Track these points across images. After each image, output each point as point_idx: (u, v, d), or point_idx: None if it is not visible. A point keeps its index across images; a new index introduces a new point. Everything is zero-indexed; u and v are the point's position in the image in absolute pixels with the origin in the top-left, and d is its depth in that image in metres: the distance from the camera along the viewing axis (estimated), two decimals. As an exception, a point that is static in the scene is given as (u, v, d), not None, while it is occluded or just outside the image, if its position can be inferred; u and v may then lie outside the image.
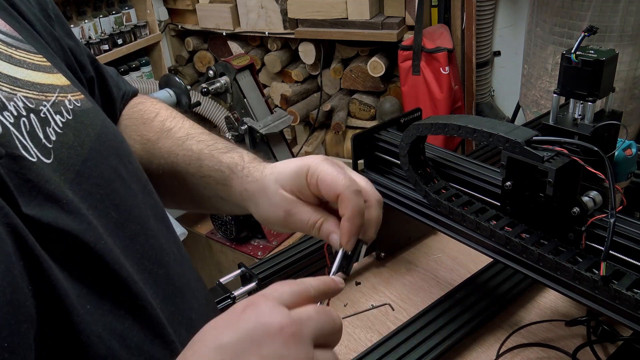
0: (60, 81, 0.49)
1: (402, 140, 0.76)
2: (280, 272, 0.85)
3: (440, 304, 0.81)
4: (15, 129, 0.41)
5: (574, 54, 0.64)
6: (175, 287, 0.51)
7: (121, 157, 0.52)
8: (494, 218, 0.70)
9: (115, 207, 0.47)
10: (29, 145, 0.41)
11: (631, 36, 1.80)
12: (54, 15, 0.57)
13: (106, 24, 2.60)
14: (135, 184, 0.52)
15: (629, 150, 0.68)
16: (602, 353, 0.75)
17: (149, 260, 0.48)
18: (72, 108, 0.48)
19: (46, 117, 0.44)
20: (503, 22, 2.54)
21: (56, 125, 0.45)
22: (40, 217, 0.39)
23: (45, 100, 0.46)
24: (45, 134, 0.43)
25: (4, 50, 0.46)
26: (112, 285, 0.43)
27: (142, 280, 0.46)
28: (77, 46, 0.60)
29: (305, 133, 2.90)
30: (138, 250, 0.48)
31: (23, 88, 0.44)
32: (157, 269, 0.49)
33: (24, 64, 0.47)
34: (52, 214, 0.40)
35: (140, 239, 0.49)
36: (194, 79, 3.09)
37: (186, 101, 2.00)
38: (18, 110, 0.42)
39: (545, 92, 2.02)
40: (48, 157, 0.42)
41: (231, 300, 0.81)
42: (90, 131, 0.48)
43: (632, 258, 0.59)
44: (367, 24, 2.45)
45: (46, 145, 0.43)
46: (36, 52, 0.49)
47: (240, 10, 2.77)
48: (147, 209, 0.52)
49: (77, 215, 0.42)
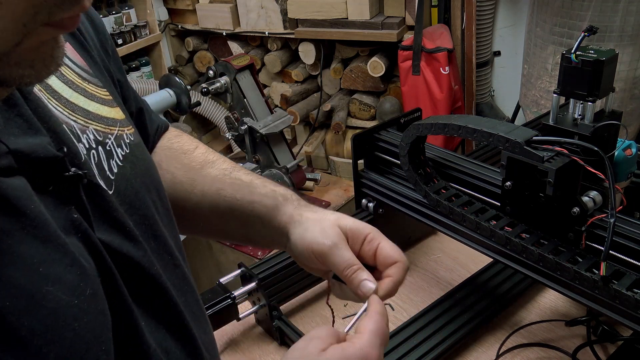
0: (119, 115, 0.52)
1: (402, 140, 0.76)
2: (280, 272, 0.85)
3: (440, 304, 0.81)
4: (89, 159, 0.45)
5: (574, 54, 0.64)
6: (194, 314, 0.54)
7: (159, 191, 0.55)
8: (494, 218, 0.70)
9: (154, 238, 0.51)
10: (98, 176, 0.45)
11: (631, 36, 1.80)
12: (111, 52, 0.60)
13: (106, 23, 2.59)
14: (166, 216, 0.55)
15: (629, 150, 0.68)
16: (602, 353, 0.75)
17: (175, 287, 0.52)
18: (129, 142, 0.51)
19: (110, 150, 0.48)
20: (503, 22, 2.54)
21: (118, 159, 0.49)
22: (110, 242, 0.43)
23: (110, 134, 0.49)
24: (109, 166, 0.47)
25: (80, 83, 0.49)
26: (160, 305, 0.48)
27: (179, 303, 0.50)
28: (126, 81, 0.63)
29: (305, 133, 2.90)
30: (169, 278, 0.51)
31: (94, 121, 0.48)
32: (180, 296, 0.52)
33: (94, 98, 0.50)
34: (118, 239, 0.44)
35: (170, 267, 0.52)
36: (194, 79, 3.09)
37: (186, 101, 2.00)
38: (89, 143, 0.46)
39: (545, 92, 2.02)
40: (110, 188, 0.46)
41: (231, 300, 0.81)
42: (142, 165, 0.52)
43: (632, 258, 0.59)
44: (367, 24, 2.45)
45: (109, 177, 0.46)
46: (102, 85, 0.52)
47: (240, 10, 2.77)
48: (172, 240, 0.55)
49: (137, 243, 0.46)
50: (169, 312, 0.49)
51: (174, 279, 0.52)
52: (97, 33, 0.58)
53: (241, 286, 0.85)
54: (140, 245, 0.46)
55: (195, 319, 0.54)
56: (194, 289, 0.57)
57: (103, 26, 0.60)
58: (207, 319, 0.60)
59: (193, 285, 0.57)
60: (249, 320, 0.88)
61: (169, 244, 0.53)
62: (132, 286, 0.44)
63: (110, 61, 0.59)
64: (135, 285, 0.45)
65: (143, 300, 0.45)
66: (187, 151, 0.71)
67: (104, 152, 0.47)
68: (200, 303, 0.58)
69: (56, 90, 0.45)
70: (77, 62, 0.50)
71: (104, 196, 0.44)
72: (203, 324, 0.56)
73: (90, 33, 0.56)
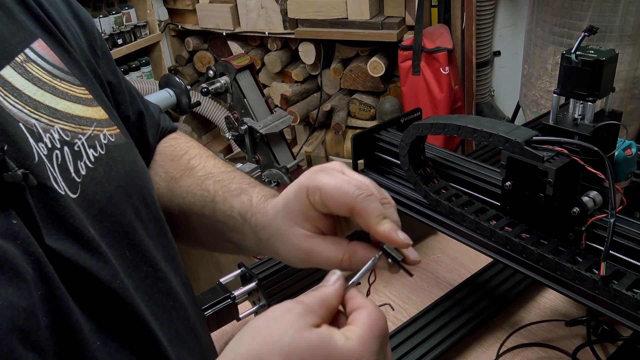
0: (98, 115, 0.50)
1: (402, 140, 0.76)
2: (280, 272, 0.85)
3: (440, 304, 0.81)
4: (48, 160, 0.42)
5: (574, 54, 0.64)
6: (177, 334, 0.50)
7: (144, 196, 0.52)
8: (494, 218, 0.70)
9: (131, 247, 0.47)
10: (58, 179, 0.42)
11: (631, 36, 1.80)
12: (100, 52, 0.58)
13: (106, 24, 2.60)
14: (153, 224, 0.52)
15: (629, 150, 0.68)
16: (602, 353, 0.75)
17: (155, 304, 0.48)
18: (106, 143, 0.49)
19: (79, 151, 0.45)
20: (503, 22, 2.54)
21: (88, 160, 0.46)
22: (61, 251, 0.40)
23: (81, 134, 0.46)
24: (76, 168, 0.44)
25: (49, 81, 0.47)
26: (123, 323, 0.44)
27: (153, 321, 0.47)
28: (119, 84, 0.61)
29: (305, 133, 2.90)
30: (147, 292, 0.48)
31: (61, 120, 0.45)
32: (162, 313, 0.49)
33: (66, 96, 0.47)
34: (73, 249, 0.41)
35: (150, 281, 0.49)
36: (194, 79, 3.09)
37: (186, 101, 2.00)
38: (53, 142, 0.43)
39: (545, 92, 2.02)
40: (75, 191, 0.43)
41: (231, 300, 0.81)
42: (120, 168, 0.49)
43: (632, 258, 0.59)
44: (367, 24, 2.45)
45: (75, 179, 0.44)
46: (79, 84, 0.50)
47: (240, 10, 2.77)
48: (160, 250, 0.52)
49: (96, 253, 0.42)
50: (135, 331, 0.44)
51: (153, 294, 0.48)
52: (84, 33, 0.56)
53: (241, 286, 0.85)
54: (101, 256, 0.43)
55: (178, 338, 0.50)
56: (182, 304, 0.52)
57: (92, 26, 0.58)
58: (198, 337, 0.55)
59: (182, 300, 0.53)
60: (249, 320, 0.88)
61: (150, 254, 0.49)
62: (86, 301, 0.41)
63: (100, 62, 0.57)
64: (91, 300, 0.41)
65: (101, 317, 0.42)
66: (174, 157, 0.68)
67: (70, 152, 0.44)
68: (191, 320, 0.53)
69: (16, 87, 0.43)
70: (49, 60, 0.48)
71: (59, 200, 0.41)
72: (190, 344, 0.52)
73: (75, 33, 0.55)
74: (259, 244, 0.56)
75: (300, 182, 0.50)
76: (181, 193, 0.64)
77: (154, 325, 0.46)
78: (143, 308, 0.45)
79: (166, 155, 0.69)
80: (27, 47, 0.46)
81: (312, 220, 0.50)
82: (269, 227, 0.54)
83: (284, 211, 0.52)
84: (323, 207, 0.48)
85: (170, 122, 0.73)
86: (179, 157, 0.68)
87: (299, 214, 0.50)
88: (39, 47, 0.48)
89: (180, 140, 0.71)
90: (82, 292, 0.41)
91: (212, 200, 0.61)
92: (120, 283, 0.43)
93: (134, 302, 0.44)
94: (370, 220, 0.46)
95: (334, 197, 0.47)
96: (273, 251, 0.55)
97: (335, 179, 0.47)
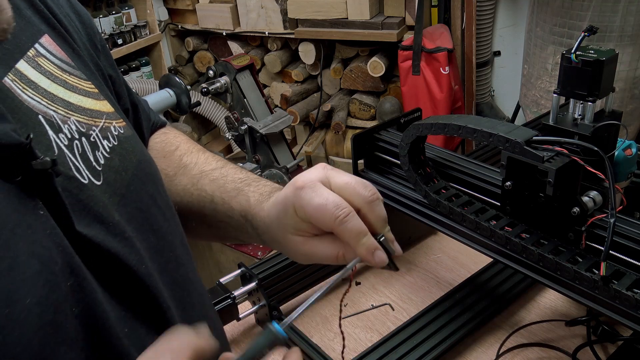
0: (106, 108, 0.51)
1: (402, 140, 0.76)
2: (280, 272, 0.85)
3: (440, 304, 0.81)
4: (69, 151, 0.43)
5: (574, 54, 0.64)
6: (198, 317, 0.52)
7: (157, 184, 0.53)
8: (494, 218, 0.70)
9: (153, 232, 0.48)
10: (81, 167, 0.43)
11: (631, 36, 1.80)
12: (100, 47, 0.59)
13: (106, 24, 2.60)
14: (168, 211, 0.53)
15: (629, 150, 0.68)
16: (602, 353, 0.75)
17: (179, 287, 0.49)
18: (117, 134, 0.49)
19: (95, 142, 0.46)
20: (503, 22, 2.54)
21: (104, 150, 0.46)
22: (92, 237, 0.40)
23: (94, 126, 0.47)
24: (95, 158, 0.45)
25: (60, 75, 0.47)
26: (149, 309, 0.44)
27: (174, 307, 0.47)
28: (118, 77, 0.62)
29: (305, 133, 2.90)
30: (171, 276, 0.49)
31: (76, 112, 0.46)
32: (185, 297, 0.50)
33: (76, 90, 0.48)
34: (101, 234, 0.41)
35: (172, 265, 0.50)
36: (194, 79, 3.09)
37: (186, 101, 2.00)
38: (72, 133, 0.44)
39: (545, 92, 2.02)
40: (98, 179, 0.44)
41: (231, 300, 0.81)
42: (132, 158, 0.50)
43: (632, 258, 0.59)
44: (367, 24, 2.45)
45: (96, 168, 0.44)
46: (86, 78, 0.51)
47: (240, 10, 2.77)
48: (176, 236, 0.53)
49: (122, 238, 0.43)
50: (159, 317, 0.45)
51: (176, 278, 0.50)
52: (84, 27, 0.57)
53: (241, 286, 0.85)
54: (127, 241, 0.43)
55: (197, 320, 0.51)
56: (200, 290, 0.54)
57: (91, 21, 0.59)
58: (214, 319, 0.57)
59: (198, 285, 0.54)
60: (249, 320, 0.88)
61: (169, 239, 0.51)
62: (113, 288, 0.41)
63: (100, 56, 0.58)
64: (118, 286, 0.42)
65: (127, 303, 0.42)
66: (166, 154, 0.69)
67: (88, 143, 0.45)
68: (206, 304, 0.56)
69: (33, 81, 0.44)
70: (58, 55, 0.49)
71: (82, 189, 0.42)
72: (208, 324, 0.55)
73: (76, 27, 0.55)
74: (263, 243, 0.59)
75: (286, 197, 0.52)
76: (178, 192, 0.65)
77: (175, 312, 0.47)
78: (166, 293, 0.46)
79: (158, 151, 0.69)
80: (36, 42, 0.47)
81: (305, 229, 0.52)
82: (268, 233, 0.57)
83: (277, 222, 0.54)
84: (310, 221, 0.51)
85: (159, 116, 0.74)
86: (171, 153, 0.69)
87: (291, 227, 0.53)
88: (47, 42, 0.48)
89: (169, 135, 0.72)
90: (109, 278, 0.41)
91: (211, 201, 0.62)
92: (145, 268, 0.44)
93: (157, 287, 0.45)
94: (350, 242, 0.49)
95: (316, 217, 0.49)
96: (278, 249, 0.58)
97: (317, 197, 0.49)
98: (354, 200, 0.50)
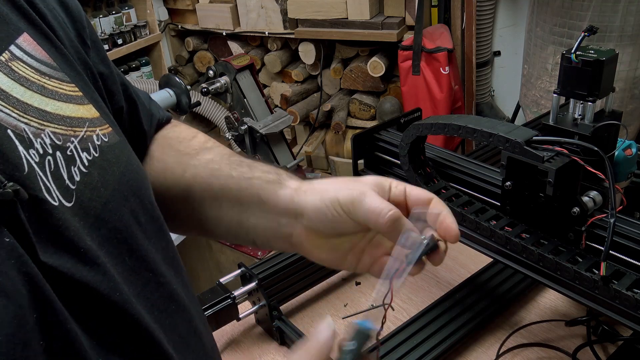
0: (90, 113, 0.47)
1: (402, 140, 0.76)
2: (280, 272, 0.85)
3: (440, 304, 0.81)
4: (39, 168, 0.39)
5: (574, 54, 0.64)
6: (181, 338, 0.49)
7: (141, 197, 0.49)
8: (494, 218, 0.70)
9: (130, 253, 0.45)
10: (51, 188, 0.39)
11: (631, 36, 1.80)
12: (90, 42, 0.54)
13: (106, 24, 2.60)
14: (151, 225, 0.50)
15: (629, 150, 0.68)
16: (602, 353, 0.75)
17: (158, 309, 0.47)
18: (100, 144, 0.46)
19: (72, 155, 0.42)
20: (503, 22, 2.54)
21: (82, 164, 0.43)
22: (57, 266, 0.37)
23: (73, 136, 0.43)
24: (70, 175, 0.41)
25: (37, 80, 0.44)
26: (128, 337, 0.42)
27: (157, 329, 0.45)
28: (111, 73, 0.58)
29: (305, 133, 2.90)
30: (149, 298, 0.46)
31: (52, 122, 0.42)
32: (165, 319, 0.47)
33: (56, 95, 0.44)
34: (70, 263, 0.38)
35: (152, 287, 0.47)
36: (194, 79, 3.09)
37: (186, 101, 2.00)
38: (44, 148, 0.40)
39: (545, 92, 2.02)
40: (70, 200, 0.41)
41: (231, 300, 0.81)
42: (115, 170, 0.46)
43: (632, 258, 0.59)
44: (367, 24, 2.45)
45: (69, 186, 0.41)
46: (69, 80, 0.47)
47: (240, 10, 2.77)
48: (159, 252, 0.50)
49: (94, 265, 0.40)
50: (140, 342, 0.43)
51: (155, 300, 0.47)
52: (72, 22, 0.53)
53: (241, 286, 0.85)
54: (100, 268, 0.40)
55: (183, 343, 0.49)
56: (185, 307, 0.51)
57: (80, 14, 0.54)
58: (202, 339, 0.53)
59: (184, 302, 0.51)
60: (249, 320, 0.88)
61: (150, 258, 0.47)
62: (85, 317, 0.39)
63: (89, 52, 0.54)
64: (91, 315, 0.39)
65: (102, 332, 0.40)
66: (183, 139, 0.66)
67: (63, 158, 0.41)
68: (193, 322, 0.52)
69: (3, 90, 0.40)
70: (37, 56, 0.45)
71: (52, 212, 0.38)
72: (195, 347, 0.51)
73: (62, 22, 0.51)
74: (300, 189, 0.55)
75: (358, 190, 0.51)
76: (200, 163, 0.62)
77: (159, 334, 0.44)
78: (146, 317, 0.44)
79: (172, 138, 0.67)
80: (11, 44, 0.43)
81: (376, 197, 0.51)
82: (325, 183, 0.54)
83: (358, 182, 0.53)
84: (401, 202, 0.52)
85: (163, 111, 0.70)
86: (189, 139, 0.66)
87: (372, 187, 0.52)
88: (25, 42, 0.44)
89: (183, 127, 0.70)
90: (81, 308, 0.39)
91: (249, 164, 0.59)
92: (120, 294, 0.41)
93: (135, 312, 0.42)
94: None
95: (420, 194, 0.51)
96: (313, 196, 0.54)
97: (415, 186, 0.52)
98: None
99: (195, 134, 0.67)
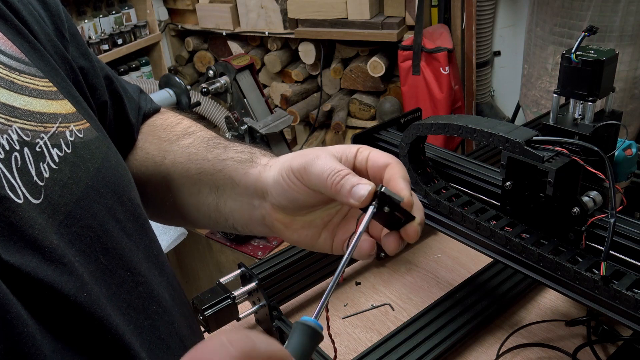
0: (64, 109, 0.46)
1: (402, 140, 0.76)
2: (280, 272, 0.85)
3: (440, 304, 0.81)
4: (4, 165, 0.38)
5: (574, 54, 0.64)
6: (160, 340, 0.47)
7: (120, 194, 0.48)
8: (494, 218, 0.70)
9: (105, 252, 0.44)
10: (17, 185, 0.38)
11: (631, 36, 1.80)
12: (69, 36, 0.53)
13: (106, 24, 2.60)
14: (132, 223, 0.48)
15: (629, 150, 0.68)
16: (602, 353, 0.75)
17: (135, 310, 0.45)
18: (73, 140, 0.44)
19: (42, 152, 0.41)
20: (503, 22, 2.54)
21: (52, 161, 0.41)
22: (20, 265, 0.36)
23: (43, 132, 0.42)
24: (38, 171, 0.40)
25: (6, 75, 0.42)
26: (94, 339, 0.40)
27: (129, 332, 0.43)
28: (92, 67, 0.56)
29: (305, 133, 2.90)
30: (125, 299, 0.44)
31: (20, 118, 0.41)
32: (143, 320, 0.45)
33: (26, 91, 0.43)
34: (33, 262, 0.37)
35: (128, 286, 0.45)
36: (194, 79, 3.09)
37: (186, 101, 2.00)
38: (11, 144, 0.39)
39: (545, 92, 2.02)
40: (37, 197, 0.39)
41: (231, 300, 0.81)
42: (90, 166, 0.45)
43: (632, 258, 0.59)
44: (367, 24, 2.45)
45: (37, 183, 0.39)
46: (42, 76, 0.46)
47: (240, 10, 2.77)
48: (140, 251, 0.48)
49: (59, 265, 0.38)
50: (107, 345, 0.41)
51: (132, 300, 0.45)
52: (50, 15, 0.52)
53: (241, 286, 0.85)
54: (65, 267, 0.39)
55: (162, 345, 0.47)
56: (165, 308, 0.49)
57: (58, 8, 0.53)
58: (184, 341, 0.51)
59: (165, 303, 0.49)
60: (249, 320, 0.88)
61: (128, 257, 0.46)
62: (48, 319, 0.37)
63: (68, 46, 0.53)
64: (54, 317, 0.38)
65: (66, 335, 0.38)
66: (167, 126, 0.64)
67: (31, 154, 0.40)
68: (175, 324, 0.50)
69: None
70: (7, 51, 0.44)
71: (15, 210, 0.37)
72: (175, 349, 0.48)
73: (38, 17, 0.50)
74: (269, 163, 0.53)
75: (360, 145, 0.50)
76: (179, 149, 0.60)
77: (130, 336, 0.43)
78: (117, 318, 0.42)
79: (157, 126, 0.65)
80: None
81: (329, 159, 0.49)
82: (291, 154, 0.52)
83: (317, 149, 0.51)
84: (364, 169, 0.49)
85: (152, 102, 0.69)
86: (173, 126, 0.64)
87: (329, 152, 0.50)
88: None
89: (169, 114, 0.68)
90: (44, 309, 0.37)
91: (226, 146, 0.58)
92: (87, 295, 0.40)
93: (104, 314, 0.41)
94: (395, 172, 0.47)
95: (377, 158, 0.49)
96: (280, 165, 0.52)
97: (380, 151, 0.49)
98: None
99: (180, 120, 0.66)
